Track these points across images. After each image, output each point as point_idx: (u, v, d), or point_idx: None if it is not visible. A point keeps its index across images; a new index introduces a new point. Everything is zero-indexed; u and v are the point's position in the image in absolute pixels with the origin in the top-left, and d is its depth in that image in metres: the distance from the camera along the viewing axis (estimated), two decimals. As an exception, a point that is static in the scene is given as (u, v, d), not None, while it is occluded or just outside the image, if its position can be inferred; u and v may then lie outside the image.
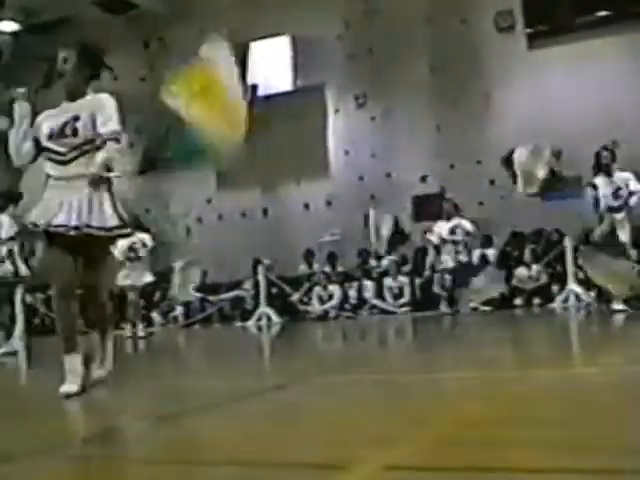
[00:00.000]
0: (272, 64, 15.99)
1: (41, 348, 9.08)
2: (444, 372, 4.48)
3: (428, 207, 14.97)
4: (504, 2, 14.51)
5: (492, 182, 14.34)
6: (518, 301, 12.37)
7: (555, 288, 12.05)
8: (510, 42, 14.50)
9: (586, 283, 11.92)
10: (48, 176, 4.22)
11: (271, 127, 14.00)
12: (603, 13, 13.81)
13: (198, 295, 14.88)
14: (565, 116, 13.37)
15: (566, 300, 11.26)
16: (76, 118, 4.15)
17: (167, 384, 4.80)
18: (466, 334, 8.29)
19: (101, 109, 4.16)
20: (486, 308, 12.26)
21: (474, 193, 14.31)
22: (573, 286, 11.31)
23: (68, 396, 3.98)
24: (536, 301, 12.22)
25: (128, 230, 4.30)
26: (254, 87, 16.05)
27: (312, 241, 14.80)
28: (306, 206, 15.91)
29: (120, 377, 4.57)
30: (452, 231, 12.01)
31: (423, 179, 15.07)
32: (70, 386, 4.03)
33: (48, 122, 4.21)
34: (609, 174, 8.81)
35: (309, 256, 14.57)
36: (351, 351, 7.25)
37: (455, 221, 12.01)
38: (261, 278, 13.30)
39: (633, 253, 9.59)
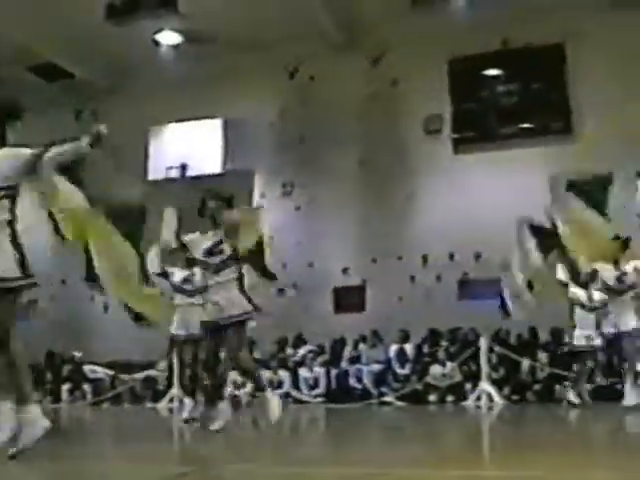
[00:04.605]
0: (203, 145, 16.07)
1: None
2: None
3: (348, 299, 15.04)
4: (434, 107, 15.01)
5: (412, 278, 14.54)
6: (432, 397, 12.37)
7: (468, 386, 12.12)
8: (437, 145, 14.95)
9: (498, 383, 12.06)
10: None
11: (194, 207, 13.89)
12: (526, 125, 14.50)
13: (109, 372, 14.42)
14: (485, 220, 13.68)
15: (478, 399, 11.34)
16: None
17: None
18: (374, 428, 8.17)
19: None
20: (400, 403, 12.29)
21: (394, 288, 14.46)
22: (486, 385, 11.41)
23: None
24: (449, 398, 12.23)
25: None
26: (183, 167, 16.07)
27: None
28: (226, 290, 15.74)
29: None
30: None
31: (345, 271, 15.14)
32: None
33: None
34: None
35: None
36: (259, 439, 7.04)
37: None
38: (175, 360, 12.94)
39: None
